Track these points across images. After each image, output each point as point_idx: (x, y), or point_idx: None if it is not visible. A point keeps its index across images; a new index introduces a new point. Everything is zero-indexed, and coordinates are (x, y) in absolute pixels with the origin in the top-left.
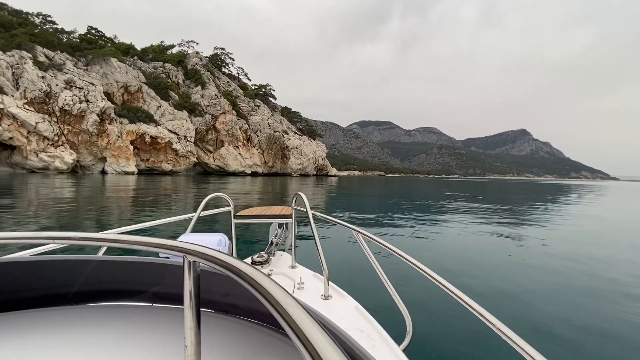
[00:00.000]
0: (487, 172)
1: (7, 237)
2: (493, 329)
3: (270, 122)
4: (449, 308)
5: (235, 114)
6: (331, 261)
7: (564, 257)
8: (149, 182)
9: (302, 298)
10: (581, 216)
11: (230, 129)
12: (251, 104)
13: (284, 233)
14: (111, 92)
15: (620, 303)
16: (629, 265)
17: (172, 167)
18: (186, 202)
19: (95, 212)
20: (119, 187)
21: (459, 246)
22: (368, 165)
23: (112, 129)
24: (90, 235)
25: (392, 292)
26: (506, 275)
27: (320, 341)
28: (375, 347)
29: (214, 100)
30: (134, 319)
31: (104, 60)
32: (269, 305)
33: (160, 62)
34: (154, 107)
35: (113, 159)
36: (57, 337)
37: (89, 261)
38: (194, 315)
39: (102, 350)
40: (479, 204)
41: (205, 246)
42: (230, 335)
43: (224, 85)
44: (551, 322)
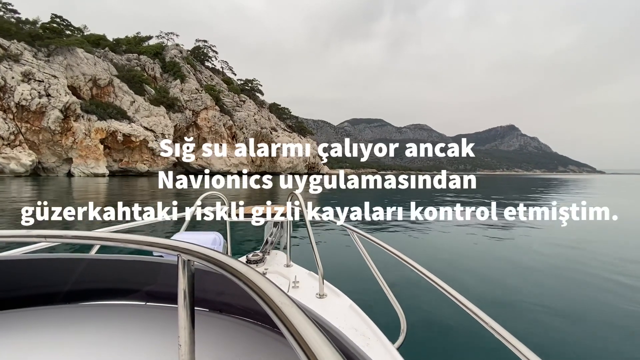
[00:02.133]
0: (477, 168)
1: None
2: (486, 328)
3: (257, 118)
4: (443, 307)
5: (218, 109)
6: (326, 260)
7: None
8: (122, 184)
9: (296, 297)
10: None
11: (213, 125)
12: (236, 99)
13: (279, 232)
14: (77, 85)
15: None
16: None
17: (148, 168)
18: (162, 205)
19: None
20: (81, 190)
21: (461, 241)
22: (360, 163)
23: (78, 127)
24: (82, 233)
25: (387, 291)
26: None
27: (314, 340)
28: (369, 345)
29: (195, 95)
30: (127, 317)
31: (68, 51)
32: (263, 304)
33: (134, 54)
34: (127, 103)
35: (80, 159)
36: (49, 336)
37: (82, 260)
38: (188, 314)
39: (94, 350)
40: (479, 199)
41: (200, 245)
42: (224, 334)
43: (207, 79)
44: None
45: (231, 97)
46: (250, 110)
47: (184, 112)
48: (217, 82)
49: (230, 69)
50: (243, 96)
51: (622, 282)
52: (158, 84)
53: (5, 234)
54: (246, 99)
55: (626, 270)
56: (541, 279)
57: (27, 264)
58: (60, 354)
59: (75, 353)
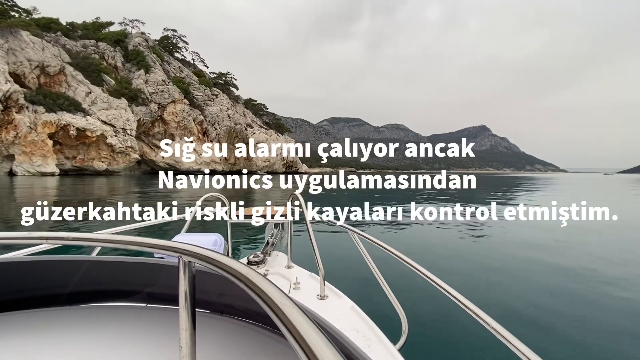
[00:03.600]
0: (451, 167)
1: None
2: (488, 329)
3: (231, 113)
4: (445, 307)
5: (187, 103)
6: (327, 261)
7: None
8: (75, 184)
9: (298, 298)
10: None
11: (182, 120)
12: (208, 92)
13: (280, 233)
14: (21, 73)
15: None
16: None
17: (107, 166)
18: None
19: None
20: (15, 192)
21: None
22: (339, 161)
23: (21, 119)
24: (84, 235)
25: (388, 292)
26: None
27: (316, 341)
28: (371, 346)
29: (161, 87)
30: (129, 319)
31: (10, 34)
32: (264, 306)
33: (92, 40)
34: (82, 94)
35: (24, 156)
36: (51, 338)
37: (83, 261)
38: (189, 316)
39: (95, 352)
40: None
41: (201, 246)
42: (225, 336)
43: (175, 70)
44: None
45: (202, 91)
46: (223, 105)
47: (148, 105)
48: (186, 74)
49: (202, 61)
50: (215, 90)
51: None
52: (119, 74)
53: (6, 235)
54: (219, 92)
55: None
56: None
57: (28, 266)
58: (62, 356)
59: (77, 354)
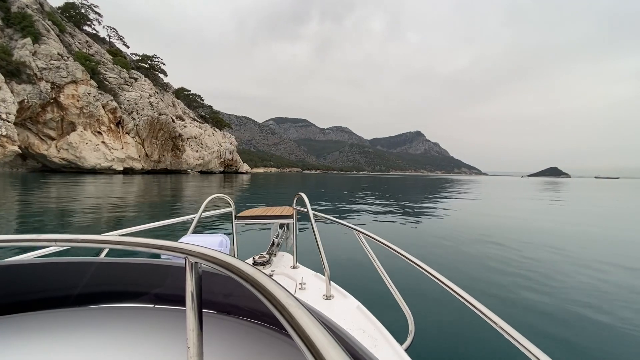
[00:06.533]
0: (390, 169)
1: (8, 240)
2: (496, 328)
3: (154, 101)
4: (452, 307)
5: (95, 85)
6: (333, 261)
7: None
8: None
9: (303, 298)
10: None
11: (87, 106)
12: (125, 75)
13: (285, 233)
14: None
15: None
16: None
17: None
18: None
19: None
20: None
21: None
22: (285, 162)
23: None
24: (92, 237)
25: (394, 292)
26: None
27: (322, 341)
28: (377, 346)
29: (57, 62)
30: (136, 320)
31: None
32: (270, 306)
33: None
34: None
35: None
36: (60, 339)
37: (91, 263)
38: (196, 316)
39: (104, 352)
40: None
41: (207, 247)
42: (232, 336)
43: (81, 45)
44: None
45: (117, 72)
46: (144, 91)
47: (37, 83)
48: (96, 51)
49: (121, 39)
50: (135, 73)
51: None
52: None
53: (15, 238)
54: (140, 76)
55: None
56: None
57: (37, 268)
58: (71, 357)
59: (86, 355)
